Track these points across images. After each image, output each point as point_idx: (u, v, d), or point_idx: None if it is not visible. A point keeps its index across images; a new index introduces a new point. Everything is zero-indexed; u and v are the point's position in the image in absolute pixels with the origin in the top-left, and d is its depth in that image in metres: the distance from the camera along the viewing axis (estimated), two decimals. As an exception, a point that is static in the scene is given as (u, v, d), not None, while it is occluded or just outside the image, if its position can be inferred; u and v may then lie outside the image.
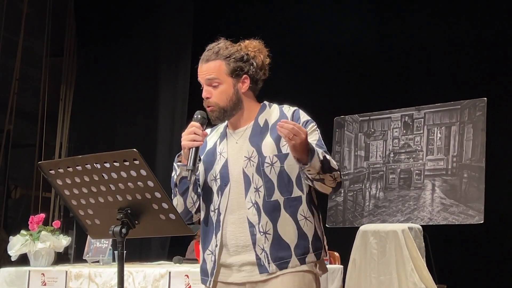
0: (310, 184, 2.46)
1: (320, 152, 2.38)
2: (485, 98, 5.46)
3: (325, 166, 2.38)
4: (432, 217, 5.45)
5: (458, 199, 5.38)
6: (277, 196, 2.45)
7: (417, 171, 5.69)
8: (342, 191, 6.06)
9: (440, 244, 5.41)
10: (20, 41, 7.57)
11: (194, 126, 2.48)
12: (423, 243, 4.92)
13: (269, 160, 2.46)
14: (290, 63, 6.65)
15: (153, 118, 7.13)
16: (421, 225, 5.08)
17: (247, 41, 2.64)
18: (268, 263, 2.43)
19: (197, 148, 2.46)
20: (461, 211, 5.33)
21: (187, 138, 2.47)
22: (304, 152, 2.33)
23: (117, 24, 7.39)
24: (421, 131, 5.75)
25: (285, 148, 2.46)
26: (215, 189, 2.53)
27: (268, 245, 2.43)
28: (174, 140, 6.78)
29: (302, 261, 2.44)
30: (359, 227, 5.15)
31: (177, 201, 2.59)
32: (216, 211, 2.52)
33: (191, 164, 2.42)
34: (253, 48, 2.61)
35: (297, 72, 6.76)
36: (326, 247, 2.58)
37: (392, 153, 5.89)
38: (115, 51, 7.42)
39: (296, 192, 2.47)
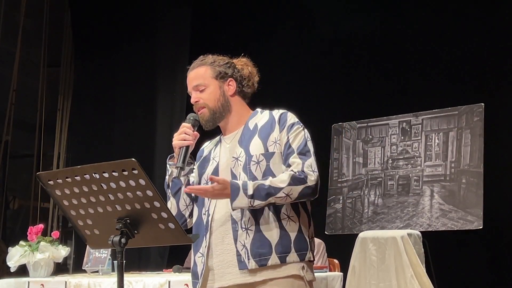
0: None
1: (250, 185, 2.40)
2: (483, 104, 5.47)
3: (261, 194, 2.39)
4: (431, 223, 5.45)
5: (457, 204, 5.38)
6: None
7: (416, 177, 5.69)
8: (341, 198, 6.05)
9: (439, 250, 5.40)
10: (17, 51, 7.58)
11: (184, 126, 2.60)
12: (423, 249, 4.92)
13: (256, 159, 2.50)
14: (287, 71, 6.66)
15: (151, 127, 7.13)
16: (420, 231, 5.08)
17: (235, 59, 2.74)
18: (248, 259, 2.43)
19: (187, 147, 2.55)
20: (460, 216, 5.33)
21: (177, 138, 2.58)
22: (224, 196, 2.42)
23: (114, 34, 7.40)
24: (419, 137, 5.75)
25: (272, 148, 2.52)
26: None
27: (249, 241, 2.44)
28: (172, 149, 6.77)
29: (283, 260, 2.43)
30: (358, 234, 5.15)
31: (171, 204, 2.67)
32: (207, 213, 2.56)
33: (180, 162, 2.52)
34: (241, 62, 2.73)
35: (294, 80, 6.76)
36: (313, 255, 2.55)
37: (390, 159, 5.88)
38: (112, 61, 7.42)
39: None
